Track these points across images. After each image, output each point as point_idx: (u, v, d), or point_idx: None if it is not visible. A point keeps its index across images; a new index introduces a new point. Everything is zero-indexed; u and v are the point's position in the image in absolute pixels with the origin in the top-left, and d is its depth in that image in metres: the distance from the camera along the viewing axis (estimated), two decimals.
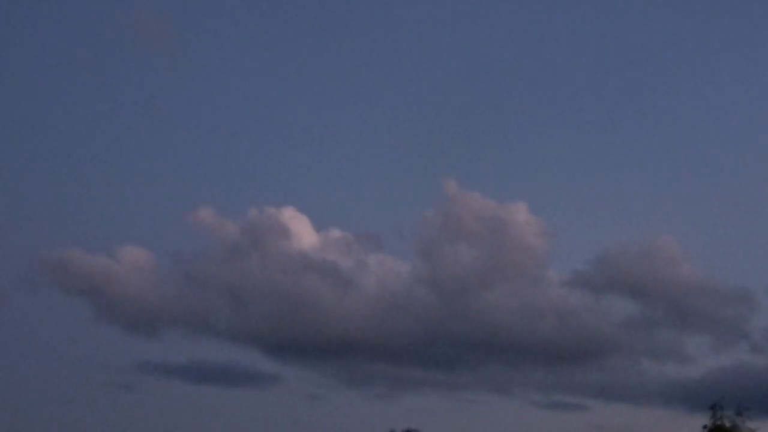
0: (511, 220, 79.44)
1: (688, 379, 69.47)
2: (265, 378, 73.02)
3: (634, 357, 75.10)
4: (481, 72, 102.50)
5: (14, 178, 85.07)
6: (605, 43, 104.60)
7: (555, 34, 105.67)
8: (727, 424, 34.40)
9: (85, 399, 69.86)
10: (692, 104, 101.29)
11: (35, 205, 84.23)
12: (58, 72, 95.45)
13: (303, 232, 78.44)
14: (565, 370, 75.35)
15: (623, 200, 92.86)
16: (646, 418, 70.95)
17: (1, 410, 64.49)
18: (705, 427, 34.84)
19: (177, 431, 70.29)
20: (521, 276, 78.75)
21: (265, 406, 72.66)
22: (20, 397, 67.65)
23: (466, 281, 76.50)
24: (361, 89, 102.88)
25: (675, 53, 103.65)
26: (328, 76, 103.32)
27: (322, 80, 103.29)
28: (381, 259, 79.90)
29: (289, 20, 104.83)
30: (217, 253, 78.47)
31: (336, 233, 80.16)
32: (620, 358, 75.46)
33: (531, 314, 75.15)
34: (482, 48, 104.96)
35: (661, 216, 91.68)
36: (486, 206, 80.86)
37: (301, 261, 76.66)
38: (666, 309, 77.53)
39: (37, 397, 68.98)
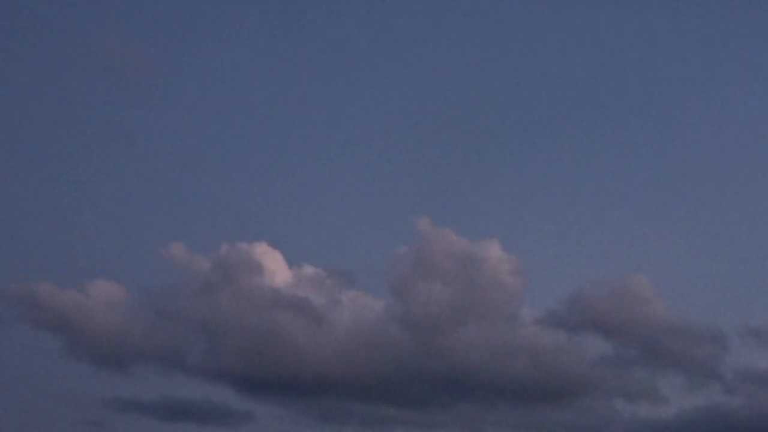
0: (484, 258, 79.41)
1: (661, 419, 69.39)
2: (237, 415, 72.42)
3: (607, 397, 74.85)
4: (452, 109, 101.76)
5: None
6: (574, 83, 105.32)
7: (525, 73, 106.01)
8: None
9: None
10: (663, 143, 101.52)
11: (4, 238, 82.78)
12: (28, 105, 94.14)
13: (275, 267, 78.17)
14: (539, 409, 74.74)
15: (596, 238, 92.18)
16: None
17: None
18: None
19: None
20: (494, 314, 78.38)
21: None
22: None
23: (440, 319, 76.16)
24: (333, 127, 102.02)
25: (643, 93, 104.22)
26: (301, 113, 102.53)
27: (294, 117, 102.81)
28: (354, 296, 79.52)
29: (262, 57, 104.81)
30: (189, 288, 77.80)
31: (309, 269, 79.90)
32: (593, 397, 75.16)
33: (504, 353, 74.96)
34: (453, 86, 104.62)
35: (633, 255, 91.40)
36: (458, 244, 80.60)
37: (273, 297, 76.35)
38: (639, 349, 77.36)
39: None
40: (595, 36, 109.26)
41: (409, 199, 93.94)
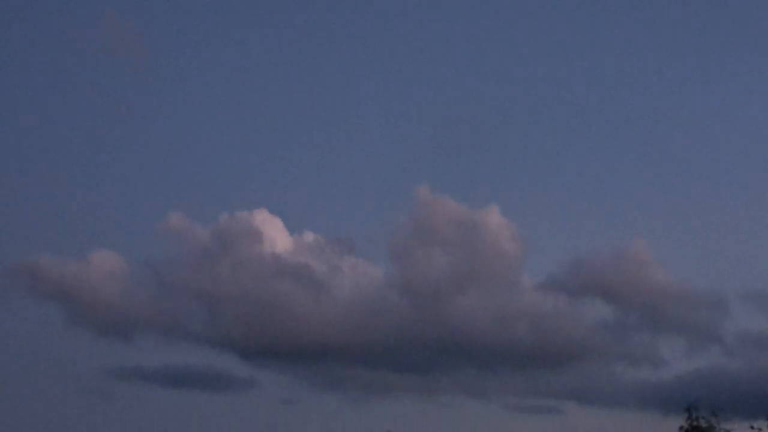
0: (483, 225, 79.68)
1: (661, 383, 69.53)
2: (239, 382, 72.82)
3: (608, 361, 75.13)
4: (452, 78, 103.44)
5: None
6: (577, 48, 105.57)
7: (526, 41, 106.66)
8: (704, 425, 34.35)
9: (58, 405, 69.40)
10: (665, 109, 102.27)
11: (6, 212, 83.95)
12: (29, 80, 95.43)
13: (276, 235, 78.43)
14: (540, 373, 75.06)
15: (596, 204, 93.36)
16: (620, 421, 70.52)
17: None
18: (681, 428, 34.70)
19: None
20: (495, 280, 78.88)
21: (239, 411, 72.27)
22: None
23: (440, 285, 76.55)
24: (334, 95, 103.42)
25: (647, 57, 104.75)
26: (301, 81, 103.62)
27: (294, 85, 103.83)
28: (354, 263, 79.92)
29: (260, 25, 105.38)
30: (189, 258, 78.35)
31: (309, 236, 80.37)
32: (594, 361, 75.51)
33: (505, 318, 75.18)
34: (453, 55, 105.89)
35: (634, 220, 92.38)
36: (458, 210, 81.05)
37: (274, 264, 76.52)
38: (640, 313, 77.59)
39: (10, 405, 68.26)
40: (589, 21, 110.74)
41: (408, 167, 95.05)
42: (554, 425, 72.26)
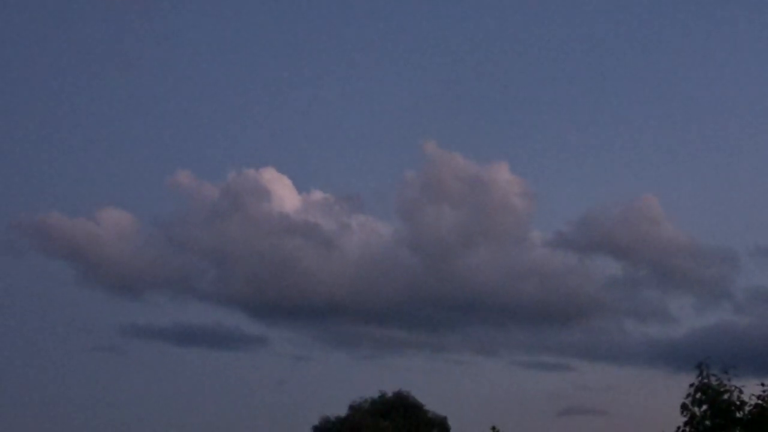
0: (492, 181, 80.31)
1: (671, 339, 70.00)
2: (250, 340, 73.99)
3: (618, 317, 75.79)
4: (460, 32, 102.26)
5: None
6: (587, 9, 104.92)
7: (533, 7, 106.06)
8: (714, 383, 32.78)
9: (69, 362, 70.90)
10: (675, 64, 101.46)
11: (14, 169, 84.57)
12: (32, 38, 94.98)
13: (284, 193, 79.36)
14: (549, 330, 76.16)
15: (606, 160, 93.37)
16: (630, 377, 71.81)
17: None
18: (692, 385, 33.26)
19: (162, 393, 70.79)
20: (504, 237, 79.69)
21: (250, 368, 73.85)
22: (3, 362, 68.27)
23: (449, 242, 77.32)
24: (340, 51, 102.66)
25: (660, 12, 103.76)
26: (308, 36, 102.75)
27: (301, 41, 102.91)
28: (363, 221, 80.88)
29: None
30: (198, 215, 79.19)
31: (317, 194, 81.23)
32: (604, 318, 76.27)
33: (514, 275, 75.95)
34: (462, 10, 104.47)
35: (643, 175, 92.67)
36: (467, 167, 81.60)
37: (282, 223, 77.19)
38: (649, 269, 78.33)
39: (21, 362, 69.66)
40: None
41: (415, 123, 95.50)
42: (564, 381, 73.06)
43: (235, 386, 71.20)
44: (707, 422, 32.49)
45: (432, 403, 48.04)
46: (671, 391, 42.52)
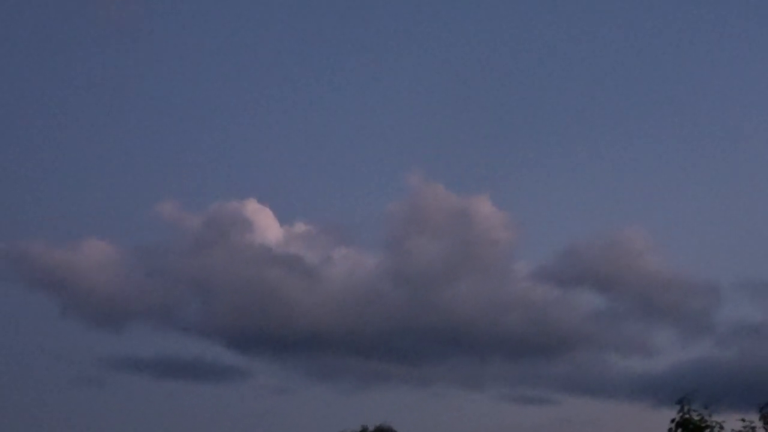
0: (475, 213, 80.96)
1: (653, 373, 69.69)
2: (232, 372, 73.41)
3: (601, 350, 75.61)
4: (442, 66, 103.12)
5: None
6: (569, 36, 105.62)
7: (519, 31, 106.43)
8: (696, 418, 32.99)
9: (49, 395, 69.92)
10: (656, 93, 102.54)
11: None
12: (13, 65, 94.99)
13: (267, 224, 79.44)
14: (533, 363, 75.57)
15: (589, 192, 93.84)
16: (612, 411, 71.22)
17: None
18: (673, 420, 33.56)
19: (144, 426, 69.79)
20: (487, 269, 79.78)
21: (232, 401, 73.04)
22: None
23: (433, 274, 77.30)
24: (322, 82, 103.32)
25: (641, 44, 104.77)
26: (289, 67, 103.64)
27: (283, 71, 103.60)
28: (346, 252, 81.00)
29: (255, 9, 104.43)
30: (180, 246, 79.17)
31: (300, 226, 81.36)
32: (587, 351, 75.99)
33: (498, 307, 75.79)
34: (445, 41, 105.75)
35: (627, 208, 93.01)
36: (449, 198, 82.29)
37: (265, 254, 77.51)
38: (632, 302, 78.27)
39: (1, 394, 68.92)
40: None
41: (399, 154, 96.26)
42: (547, 415, 72.21)
43: (217, 419, 70.35)
44: None
45: None
46: (653, 425, 40.51)
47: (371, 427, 47.28)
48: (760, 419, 32.32)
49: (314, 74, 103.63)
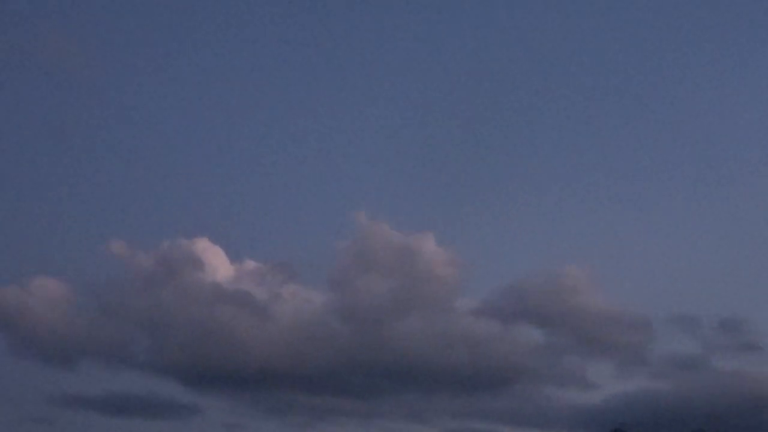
0: (419, 251, 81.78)
1: (590, 405, 71.42)
2: (183, 408, 73.48)
3: (541, 383, 76.74)
4: (387, 110, 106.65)
5: None
6: (501, 78, 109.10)
7: (454, 75, 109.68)
8: None
9: None
10: (591, 140, 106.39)
11: None
12: None
13: (217, 263, 79.54)
14: (477, 397, 76.36)
15: (530, 231, 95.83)
16: None
17: None
18: None
19: None
20: (432, 305, 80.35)
21: None
22: None
23: (379, 311, 77.96)
24: (270, 122, 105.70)
25: (572, 92, 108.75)
26: (241, 109, 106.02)
27: (233, 113, 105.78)
28: (295, 290, 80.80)
29: (198, 53, 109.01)
30: (132, 284, 78.75)
31: (250, 264, 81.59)
32: (528, 384, 77.11)
33: (442, 343, 76.44)
34: (387, 92, 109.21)
35: (567, 247, 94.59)
36: (394, 237, 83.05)
37: (215, 292, 77.35)
38: (571, 337, 79.68)
39: None
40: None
41: (345, 194, 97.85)
42: None
43: None
44: None
45: None
46: None
47: None
48: None
49: (264, 119, 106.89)
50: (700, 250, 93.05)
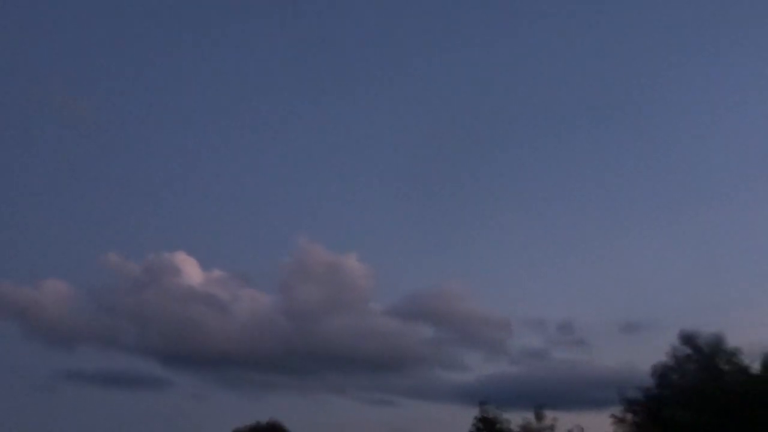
0: (345, 266, 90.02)
1: (466, 383, 78.37)
2: (161, 382, 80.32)
3: (431, 367, 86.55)
4: (318, 148, 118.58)
5: None
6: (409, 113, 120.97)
7: (364, 106, 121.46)
8: (491, 415, 44.71)
9: (14, 401, 76.42)
10: (476, 172, 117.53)
11: None
12: None
13: (191, 271, 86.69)
14: (384, 376, 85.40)
15: (425, 252, 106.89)
16: (437, 411, 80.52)
17: None
18: (475, 417, 44.93)
19: (89, 427, 75.09)
20: (353, 308, 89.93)
21: (160, 404, 79.81)
22: None
23: (313, 310, 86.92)
24: (236, 159, 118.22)
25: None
26: (212, 151, 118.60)
27: (205, 154, 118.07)
28: (250, 293, 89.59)
29: (168, 89, 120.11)
30: (122, 287, 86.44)
31: (217, 272, 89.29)
32: (421, 367, 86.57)
33: (359, 335, 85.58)
34: (319, 127, 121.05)
35: (451, 264, 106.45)
36: (326, 255, 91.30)
37: (189, 293, 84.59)
38: (453, 332, 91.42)
39: None
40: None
41: (291, 220, 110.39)
42: (394, 413, 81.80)
43: (148, 419, 76.72)
44: None
45: (297, 429, 56.90)
46: (465, 421, 49.11)
47: (264, 422, 55.68)
48: (534, 416, 46.15)
49: (231, 157, 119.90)
50: (546, 269, 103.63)
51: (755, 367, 48.41)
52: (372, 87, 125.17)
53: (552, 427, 47.31)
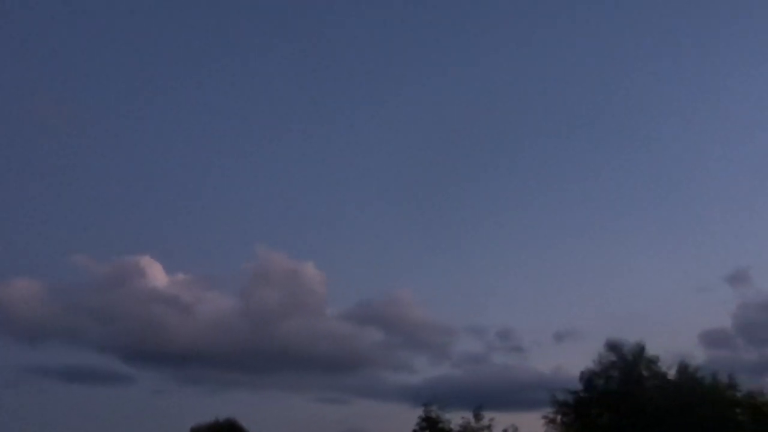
0: (303, 273, 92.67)
1: (413, 384, 79.31)
2: (123, 378, 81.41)
3: (381, 368, 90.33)
4: (272, 153, 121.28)
5: None
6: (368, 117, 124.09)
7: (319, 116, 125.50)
8: (434, 415, 47.42)
9: None
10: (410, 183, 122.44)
11: None
12: None
13: (156, 274, 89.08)
14: (337, 376, 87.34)
15: (377, 261, 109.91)
16: (386, 410, 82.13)
17: None
18: (420, 417, 47.83)
19: (52, 422, 75.57)
20: (309, 312, 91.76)
21: (122, 400, 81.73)
22: None
23: (272, 313, 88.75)
24: (203, 168, 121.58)
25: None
26: (177, 149, 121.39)
27: (172, 154, 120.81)
28: (212, 296, 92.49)
29: (138, 97, 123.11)
30: (90, 287, 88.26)
31: (181, 276, 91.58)
32: (372, 369, 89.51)
33: (315, 338, 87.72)
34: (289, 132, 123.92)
35: (401, 274, 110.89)
36: (285, 262, 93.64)
37: (153, 295, 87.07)
38: (401, 337, 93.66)
39: None
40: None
41: (252, 229, 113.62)
42: (345, 411, 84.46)
43: (110, 415, 77.40)
44: None
45: (254, 428, 58.65)
46: (411, 419, 50.80)
47: (221, 420, 56.51)
48: (473, 416, 49.00)
49: (196, 166, 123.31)
50: (486, 281, 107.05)
51: (671, 373, 53.18)
52: (339, 100, 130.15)
53: (489, 427, 49.62)
